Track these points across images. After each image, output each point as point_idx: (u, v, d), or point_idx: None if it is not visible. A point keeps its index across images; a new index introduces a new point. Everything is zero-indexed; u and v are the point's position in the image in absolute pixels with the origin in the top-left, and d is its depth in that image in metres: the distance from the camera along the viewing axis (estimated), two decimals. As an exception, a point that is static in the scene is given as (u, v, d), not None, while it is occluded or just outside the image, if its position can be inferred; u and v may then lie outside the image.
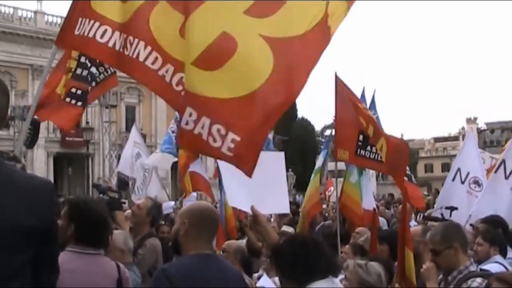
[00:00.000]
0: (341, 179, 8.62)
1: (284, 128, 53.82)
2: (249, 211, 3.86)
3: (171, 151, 10.58)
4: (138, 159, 11.84)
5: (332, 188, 9.32)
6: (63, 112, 6.00)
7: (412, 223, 8.48)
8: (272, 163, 3.94)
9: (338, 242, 6.35)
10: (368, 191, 9.27)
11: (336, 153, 6.99)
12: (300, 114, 65.13)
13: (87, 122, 36.16)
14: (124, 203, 6.19)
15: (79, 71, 6.17)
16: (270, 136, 13.08)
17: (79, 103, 6.08)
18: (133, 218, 5.63)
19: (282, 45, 3.45)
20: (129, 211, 5.98)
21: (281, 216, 8.97)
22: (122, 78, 7.95)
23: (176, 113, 10.23)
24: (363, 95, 9.03)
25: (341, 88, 6.87)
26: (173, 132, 10.76)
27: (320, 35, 3.54)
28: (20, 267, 2.17)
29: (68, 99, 6.07)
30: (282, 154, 4.97)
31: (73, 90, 6.11)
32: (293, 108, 64.05)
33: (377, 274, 3.91)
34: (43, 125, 25.10)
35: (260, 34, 3.45)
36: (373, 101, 9.77)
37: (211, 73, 3.43)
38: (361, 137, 6.96)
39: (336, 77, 6.92)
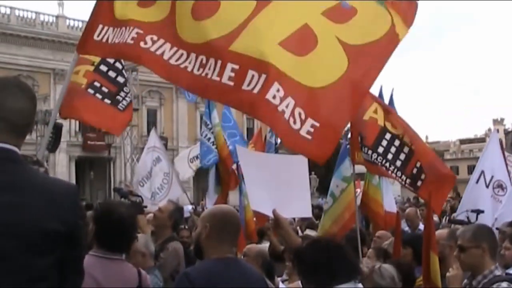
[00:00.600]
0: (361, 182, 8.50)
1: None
2: (271, 214, 3.84)
3: (214, 161, 9.93)
4: (158, 164, 11.80)
5: (358, 190, 8.98)
6: (90, 106, 5.68)
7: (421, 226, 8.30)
8: (295, 167, 3.91)
9: (359, 245, 6.27)
10: (388, 192, 9.16)
11: (354, 156, 6.88)
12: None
13: (109, 126, 36.34)
14: (146, 207, 6.13)
15: (103, 68, 5.91)
16: (272, 140, 12.55)
17: (107, 101, 5.79)
18: (154, 221, 5.61)
19: (355, 51, 3.67)
20: (150, 214, 5.98)
21: (303, 220, 8.90)
22: (143, 82, 7.85)
23: (205, 118, 9.99)
24: (380, 94, 8.87)
25: None
26: (205, 136, 10.32)
27: (388, 42, 3.80)
28: (44, 270, 2.16)
29: (91, 91, 5.77)
30: (305, 157, 4.91)
31: (97, 84, 5.81)
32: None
33: (390, 277, 3.94)
34: (65, 129, 25.34)
35: (337, 37, 3.67)
36: (391, 101, 9.64)
37: (297, 58, 3.56)
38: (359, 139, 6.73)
39: None
